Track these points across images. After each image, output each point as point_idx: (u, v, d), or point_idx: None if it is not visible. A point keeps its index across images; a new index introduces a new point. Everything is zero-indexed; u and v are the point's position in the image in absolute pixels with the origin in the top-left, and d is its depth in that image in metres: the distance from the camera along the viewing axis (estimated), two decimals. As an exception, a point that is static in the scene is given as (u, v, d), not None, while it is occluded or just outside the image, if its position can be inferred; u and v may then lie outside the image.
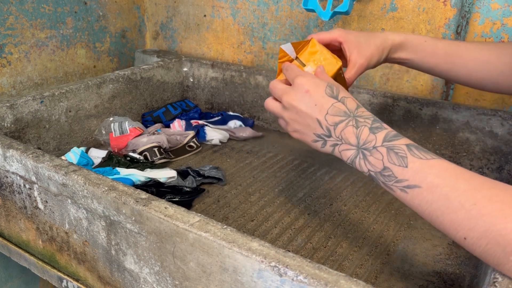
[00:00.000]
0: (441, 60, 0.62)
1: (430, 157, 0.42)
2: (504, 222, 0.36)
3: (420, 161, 0.42)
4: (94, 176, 0.52)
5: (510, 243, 0.35)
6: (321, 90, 0.49)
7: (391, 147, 0.43)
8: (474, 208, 0.37)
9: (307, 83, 0.50)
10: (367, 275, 0.56)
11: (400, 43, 0.62)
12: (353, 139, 0.46)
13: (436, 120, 0.78)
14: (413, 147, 0.43)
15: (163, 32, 1.21)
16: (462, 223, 0.38)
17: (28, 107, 0.77)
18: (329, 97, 0.49)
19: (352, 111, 0.47)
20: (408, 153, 0.42)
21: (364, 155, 0.45)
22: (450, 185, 0.39)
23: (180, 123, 0.95)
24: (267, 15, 1.00)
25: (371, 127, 0.45)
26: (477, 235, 0.37)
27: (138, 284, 0.52)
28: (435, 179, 0.40)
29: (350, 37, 0.60)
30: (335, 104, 0.48)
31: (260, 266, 0.38)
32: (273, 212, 0.68)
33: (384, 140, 0.44)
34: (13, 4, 0.89)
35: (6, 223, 0.69)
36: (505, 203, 0.37)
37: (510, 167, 0.73)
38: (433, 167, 0.41)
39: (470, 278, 0.56)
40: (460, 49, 0.62)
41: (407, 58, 0.63)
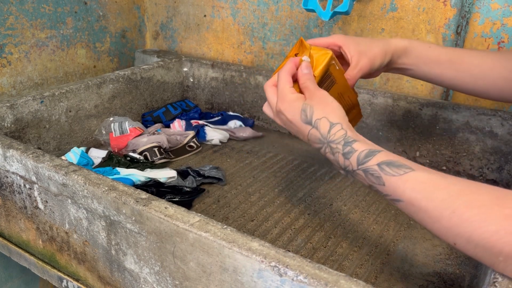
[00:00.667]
0: (445, 67, 0.61)
1: (403, 172, 0.42)
2: (485, 226, 0.36)
3: (394, 178, 0.43)
4: (94, 176, 0.52)
5: (495, 245, 0.36)
6: (297, 117, 0.51)
7: (365, 170, 0.45)
8: (454, 216, 0.38)
9: (286, 110, 0.52)
10: (367, 275, 0.56)
11: (404, 48, 0.61)
12: (336, 164, 0.49)
13: (436, 120, 0.78)
14: (384, 165, 0.44)
15: (163, 32, 1.21)
16: (447, 231, 0.39)
17: (28, 107, 0.77)
18: (305, 123, 0.50)
19: (325, 137, 0.49)
20: (381, 173, 0.44)
21: (351, 175, 0.48)
22: (427, 197, 0.40)
23: (180, 123, 0.95)
24: (267, 15, 1.00)
25: (344, 153, 0.47)
26: (464, 241, 0.38)
27: (138, 284, 0.52)
28: (411, 193, 0.41)
29: (349, 40, 0.60)
30: (310, 131, 0.50)
31: (260, 266, 0.38)
32: (273, 212, 0.68)
33: (358, 164, 0.46)
34: (13, 4, 0.89)
35: (6, 223, 0.69)
36: (483, 207, 0.37)
37: (510, 167, 0.73)
38: (407, 182, 0.42)
39: (470, 278, 0.56)
40: (464, 56, 0.61)
41: (410, 64, 0.62)
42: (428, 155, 0.81)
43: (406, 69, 0.63)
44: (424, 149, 0.81)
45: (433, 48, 0.61)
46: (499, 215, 0.36)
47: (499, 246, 0.35)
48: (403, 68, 0.62)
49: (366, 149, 0.46)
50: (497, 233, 0.35)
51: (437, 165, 0.80)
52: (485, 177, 0.76)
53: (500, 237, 0.35)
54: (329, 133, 0.48)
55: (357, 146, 0.46)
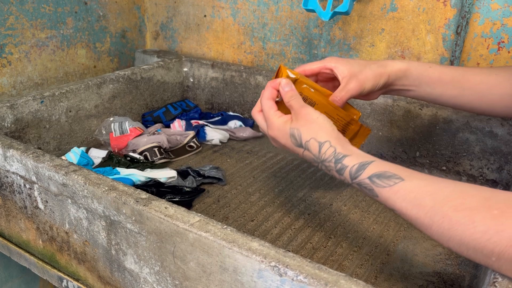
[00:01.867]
0: (448, 86, 0.59)
1: (393, 182, 0.44)
2: (473, 227, 0.37)
3: (385, 190, 0.44)
4: (94, 176, 0.52)
5: (485, 246, 0.36)
6: (289, 142, 0.53)
7: (359, 183, 0.47)
8: (445, 221, 0.39)
9: (277, 137, 0.54)
10: (367, 275, 0.56)
11: (403, 70, 0.59)
12: (336, 177, 0.50)
13: (436, 120, 0.78)
14: (375, 178, 0.45)
15: (163, 32, 1.21)
16: (440, 236, 0.40)
17: (28, 107, 0.77)
18: (296, 147, 0.52)
19: (318, 157, 0.50)
20: (373, 186, 0.45)
21: (351, 186, 0.49)
22: (417, 205, 0.41)
23: (180, 123, 0.95)
24: (267, 15, 1.00)
25: (337, 170, 0.49)
26: (457, 244, 0.38)
27: (138, 284, 0.52)
28: (402, 203, 0.43)
29: (341, 62, 0.59)
30: (304, 153, 0.52)
31: (260, 266, 0.39)
32: (273, 212, 0.68)
33: (351, 178, 0.47)
34: (13, 4, 0.89)
35: (6, 223, 0.69)
36: (472, 209, 0.38)
37: (510, 167, 0.73)
38: (397, 193, 0.43)
39: (470, 278, 0.56)
40: (467, 74, 0.59)
41: (411, 85, 0.60)
42: (428, 155, 0.81)
43: (407, 90, 0.61)
44: (424, 149, 0.81)
45: (434, 68, 0.60)
46: (486, 216, 0.37)
47: (490, 247, 0.36)
48: (404, 89, 0.61)
49: (357, 163, 0.47)
50: (486, 233, 0.36)
51: (437, 165, 0.80)
52: (485, 177, 0.76)
53: (489, 237, 0.36)
54: (319, 152, 0.50)
55: (348, 161, 0.48)
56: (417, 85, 0.60)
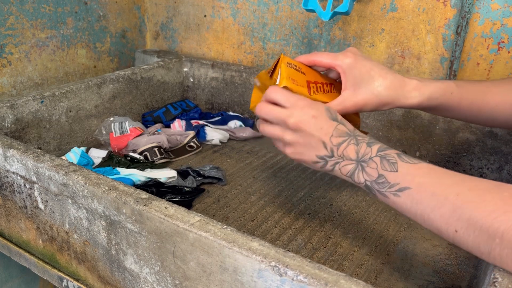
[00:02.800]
0: (466, 110, 0.58)
1: (418, 161, 0.46)
2: (483, 206, 0.39)
3: (408, 165, 0.46)
4: (95, 176, 0.53)
5: (492, 224, 0.37)
6: (324, 114, 0.52)
7: (383, 156, 0.48)
8: (458, 198, 0.41)
9: (310, 106, 0.52)
10: (367, 275, 0.56)
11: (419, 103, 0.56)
12: (354, 155, 0.50)
13: (436, 120, 0.78)
14: (402, 155, 0.47)
15: (163, 32, 1.21)
16: (449, 216, 0.41)
17: (28, 107, 0.77)
18: (332, 120, 0.52)
19: (352, 131, 0.51)
20: (398, 159, 0.47)
21: (362, 167, 0.49)
22: (435, 182, 0.43)
23: (180, 123, 0.95)
24: (267, 15, 1.00)
25: (368, 142, 0.50)
26: (465, 224, 0.40)
27: (138, 284, 0.52)
28: (421, 178, 0.44)
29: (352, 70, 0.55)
30: (338, 127, 0.51)
31: (260, 266, 0.39)
32: (273, 212, 0.68)
33: (378, 151, 0.48)
34: (13, 4, 0.89)
35: (6, 223, 0.69)
36: (484, 190, 0.40)
37: (510, 167, 0.73)
38: (420, 169, 0.45)
39: (470, 278, 0.56)
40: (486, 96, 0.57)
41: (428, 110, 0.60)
42: (428, 155, 0.81)
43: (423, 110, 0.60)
44: (424, 149, 0.81)
45: (456, 94, 0.57)
46: (497, 196, 0.39)
47: (496, 225, 0.37)
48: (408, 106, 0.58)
49: (387, 146, 0.50)
50: (494, 212, 0.38)
51: (437, 165, 0.80)
52: (485, 177, 0.76)
53: (496, 216, 0.37)
54: (354, 129, 0.52)
55: (380, 143, 0.50)
56: (434, 110, 0.60)
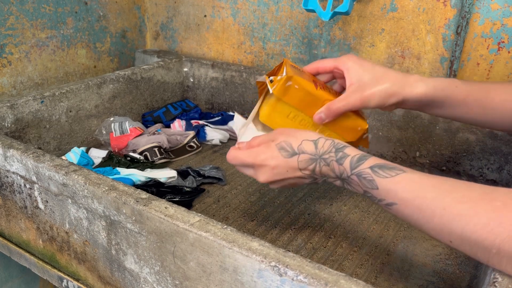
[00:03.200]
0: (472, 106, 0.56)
1: (395, 173, 0.43)
2: (475, 219, 0.37)
3: (386, 181, 0.43)
4: (95, 176, 0.53)
5: (487, 237, 0.36)
6: (280, 157, 0.50)
7: (359, 174, 0.46)
8: (446, 213, 0.39)
9: (266, 159, 0.51)
10: (367, 275, 0.56)
11: (424, 94, 0.55)
12: (332, 173, 0.49)
13: (436, 120, 0.78)
14: (376, 168, 0.44)
15: (163, 32, 1.21)
16: (441, 229, 0.39)
17: (28, 107, 0.77)
18: (290, 157, 0.50)
19: (315, 153, 0.49)
20: (374, 176, 0.44)
21: (347, 183, 0.48)
22: (419, 196, 0.41)
23: (180, 123, 0.95)
24: (267, 15, 1.00)
25: (337, 159, 0.47)
26: (458, 237, 0.38)
27: (138, 284, 0.52)
28: (404, 193, 0.42)
29: (355, 68, 0.56)
30: (299, 160, 0.50)
31: (260, 266, 0.39)
32: (273, 212, 0.68)
33: (351, 168, 0.46)
34: (13, 4, 0.89)
35: (6, 223, 0.69)
36: (474, 201, 0.38)
37: (510, 167, 0.73)
38: (399, 183, 0.43)
39: (470, 278, 0.56)
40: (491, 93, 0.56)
41: (433, 107, 0.57)
42: (428, 155, 0.81)
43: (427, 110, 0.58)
44: (424, 149, 0.81)
45: (461, 88, 0.56)
46: (488, 207, 0.37)
47: (491, 238, 0.36)
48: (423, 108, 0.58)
49: (358, 154, 0.47)
50: (488, 225, 0.36)
51: (437, 165, 0.80)
52: (485, 177, 0.76)
53: (491, 229, 0.36)
54: (316, 148, 0.49)
55: (349, 151, 0.47)
56: (439, 107, 0.57)
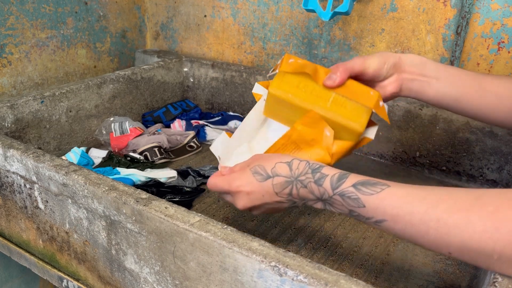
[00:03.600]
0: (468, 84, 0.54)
1: (379, 189, 0.41)
2: (471, 227, 0.36)
3: (372, 198, 0.41)
4: (95, 176, 0.53)
5: (486, 244, 0.35)
6: (254, 181, 0.49)
7: (342, 194, 0.43)
8: (440, 225, 0.37)
9: (241, 185, 0.49)
10: (367, 275, 0.56)
11: (418, 57, 0.55)
12: (311, 196, 0.46)
13: (436, 120, 0.78)
14: (359, 185, 0.42)
15: (163, 32, 1.21)
16: (438, 242, 0.38)
17: (28, 107, 0.77)
18: (264, 181, 0.48)
19: (290, 175, 0.47)
20: (359, 194, 0.42)
21: (329, 204, 0.45)
22: (408, 211, 0.39)
23: (180, 123, 0.95)
24: (268, 16, 1.00)
25: (315, 180, 0.45)
26: (457, 248, 0.37)
27: (139, 283, 0.52)
28: (393, 210, 0.40)
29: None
30: (274, 182, 0.47)
31: (260, 266, 0.39)
32: (273, 212, 0.68)
33: (332, 188, 0.44)
34: (13, 4, 0.89)
35: (6, 223, 0.69)
36: (466, 210, 0.37)
37: (510, 168, 0.73)
38: (385, 199, 0.41)
39: (470, 278, 0.56)
40: (487, 77, 0.55)
41: (429, 76, 0.55)
42: (428, 155, 0.81)
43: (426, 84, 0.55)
44: (424, 149, 0.81)
45: (453, 67, 0.56)
46: (482, 214, 0.36)
47: (491, 245, 0.35)
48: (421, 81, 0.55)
49: (337, 172, 0.45)
50: (486, 232, 0.35)
51: (437, 165, 0.80)
52: (485, 177, 0.76)
53: (489, 236, 0.35)
54: (291, 170, 0.47)
55: (326, 170, 0.45)
56: (436, 77, 0.55)
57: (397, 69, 0.56)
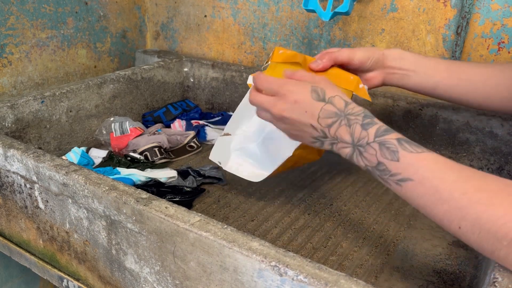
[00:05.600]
0: (444, 74, 0.60)
1: (421, 150, 0.43)
2: (493, 209, 0.37)
3: (411, 155, 0.43)
4: (95, 176, 0.53)
5: (500, 228, 0.36)
6: (308, 96, 0.49)
7: (383, 142, 0.44)
8: (464, 198, 0.39)
9: (293, 92, 0.50)
10: (367, 275, 0.56)
11: (399, 52, 0.62)
12: (348, 137, 0.47)
13: (436, 120, 0.78)
14: (403, 141, 0.44)
15: (163, 32, 1.21)
16: (454, 213, 0.39)
17: (29, 107, 0.77)
18: (317, 101, 0.49)
19: (342, 110, 0.48)
20: (399, 147, 0.43)
21: (360, 152, 0.46)
22: (440, 177, 0.41)
23: (180, 123, 0.95)
24: (268, 16, 1.00)
25: (363, 124, 0.46)
26: (470, 224, 0.38)
27: (139, 283, 0.52)
28: (425, 172, 0.41)
29: None
30: (324, 107, 0.48)
31: (261, 266, 0.39)
32: (273, 212, 0.68)
33: (375, 136, 0.45)
34: (14, 4, 0.89)
35: (6, 223, 0.69)
36: (493, 192, 0.38)
37: (510, 168, 0.73)
38: (423, 160, 0.42)
39: (470, 278, 0.56)
40: (463, 65, 0.61)
41: (408, 69, 0.62)
42: (428, 156, 0.81)
43: (405, 76, 0.62)
44: (424, 150, 0.81)
45: (430, 57, 0.62)
46: (506, 200, 0.37)
47: (505, 230, 0.36)
48: (402, 74, 0.62)
49: (386, 126, 0.46)
50: (504, 217, 0.36)
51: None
52: (485, 178, 0.76)
53: (506, 221, 0.36)
54: (346, 107, 0.48)
55: (377, 121, 0.47)
56: (414, 70, 0.61)
57: (381, 64, 0.63)
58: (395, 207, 0.70)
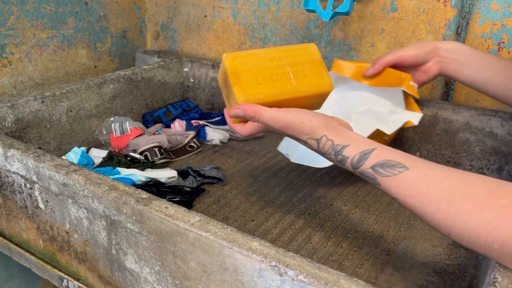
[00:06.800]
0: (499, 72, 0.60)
1: (397, 171, 0.43)
2: (481, 215, 0.37)
3: (388, 179, 0.44)
4: (95, 175, 0.53)
5: (491, 233, 0.37)
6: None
7: (361, 173, 0.47)
8: (450, 208, 0.39)
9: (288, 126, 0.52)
10: (367, 275, 0.56)
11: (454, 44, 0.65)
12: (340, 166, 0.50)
13: (436, 120, 0.78)
14: (378, 167, 0.45)
15: (163, 32, 1.21)
16: (442, 223, 0.40)
17: (29, 107, 0.77)
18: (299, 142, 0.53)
19: (318, 151, 0.51)
20: (376, 175, 0.45)
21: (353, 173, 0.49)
22: (422, 194, 0.41)
23: (180, 123, 0.95)
24: (268, 16, 1.00)
25: (338, 161, 0.49)
26: (459, 231, 0.39)
27: (139, 283, 0.52)
28: (406, 192, 0.43)
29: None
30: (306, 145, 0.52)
31: (261, 266, 0.39)
32: (273, 212, 0.68)
33: (353, 168, 0.47)
34: (14, 4, 0.89)
35: (7, 223, 0.69)
36: (480, 198, 0.38)
37: (510, 168, 0.73)
38: (401, 182, 0.43)
39: (470, 278, 0.56)
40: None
41: (462, 61, 0.63)
42: (428, 156, 0.81)
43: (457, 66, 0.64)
44: (424, 149, 0.81)
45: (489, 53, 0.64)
46: (495, 205, 0.37)
47: (495, 233, 0.36)
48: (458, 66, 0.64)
49: (358, 153, 0.47)
50: (493, 221, 0.36)
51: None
52: (485, 178, 0.76)
53: (496, 225, 0.36)
54: (319, 147, 0.50)
55: (348, 152, 0.47)
56: (469, 63, 0.63)
57: (434, 54, 0.66)
58: (395, 207, 0.70)
